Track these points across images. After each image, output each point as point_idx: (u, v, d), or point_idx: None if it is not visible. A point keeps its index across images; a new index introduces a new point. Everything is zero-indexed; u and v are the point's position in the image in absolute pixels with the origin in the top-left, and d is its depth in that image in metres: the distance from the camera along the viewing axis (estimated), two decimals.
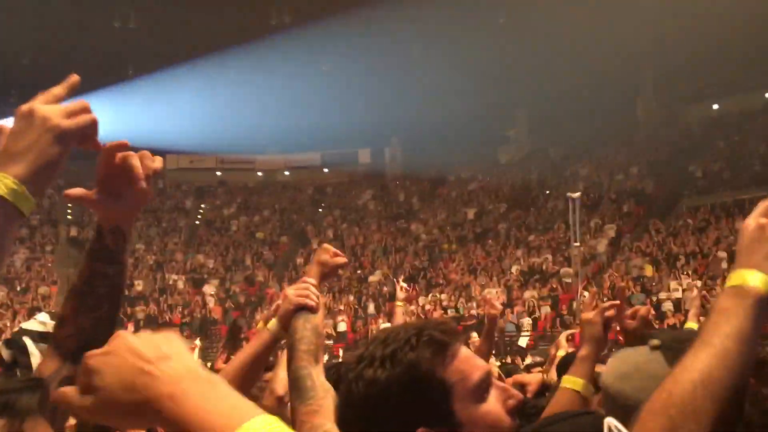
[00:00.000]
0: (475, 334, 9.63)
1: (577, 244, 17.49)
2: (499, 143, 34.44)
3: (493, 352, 8.68)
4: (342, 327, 24.07)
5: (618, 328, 2.16)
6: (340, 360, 5.38)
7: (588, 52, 25.87)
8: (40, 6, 25.21)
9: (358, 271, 27.88)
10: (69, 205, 30.99)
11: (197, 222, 32.20)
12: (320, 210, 33.41)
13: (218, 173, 34.96)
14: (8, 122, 0.96)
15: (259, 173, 35.41)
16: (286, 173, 35.62)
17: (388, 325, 20.62)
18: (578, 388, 1.95)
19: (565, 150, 31.54)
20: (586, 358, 2.02)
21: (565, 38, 25.54)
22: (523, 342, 18.86)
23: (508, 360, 12.88)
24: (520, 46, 26.50)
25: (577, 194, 16.90)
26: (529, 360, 9.49)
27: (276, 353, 4.10)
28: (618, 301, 2.14)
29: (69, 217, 30.35)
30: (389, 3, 23.99)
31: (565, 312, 19.85)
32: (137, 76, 28.91)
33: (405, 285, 4.88)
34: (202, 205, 33.15)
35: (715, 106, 30.62)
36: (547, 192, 28.78)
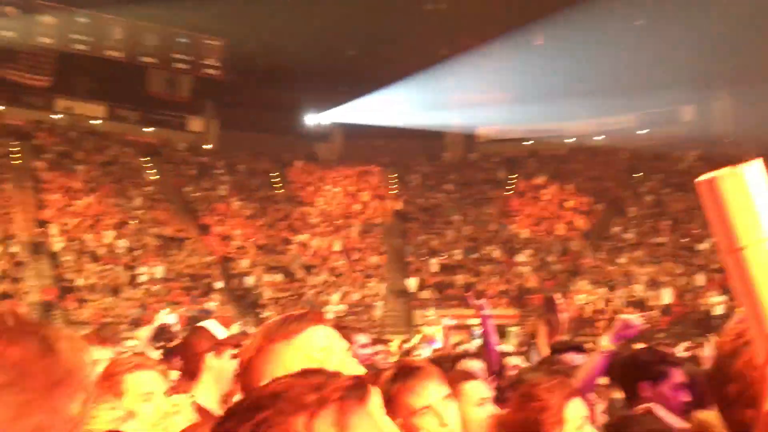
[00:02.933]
0: None
1: None
2: None
3: None
4: (666, 298, 22.50)
5: None
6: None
7: None
8: (363, 1, 27.51)
9: (684, 239, 25.74)
10: (394, 182, 33.68)
11: (509, 192, 32.62)
12: (637, 175, 31.47)
13: (528, 143, 34.89)
14: None
15: (570, 140, 34.50)
16: (599, 138, 34.16)
17: (720, 298, 18.64)
18: None
19: None
20: None
21: None
22: None
23: None
24: None
25: None
26: None
27: None
28: None
29: (394, 191, 33.01)
30: None
31: None
32: (449, 56, 30.07)
33: None
34: (513, 176, 33.46)
35: None
36: None
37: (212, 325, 2.81)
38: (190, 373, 2.72)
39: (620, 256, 26.05)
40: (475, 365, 3.30)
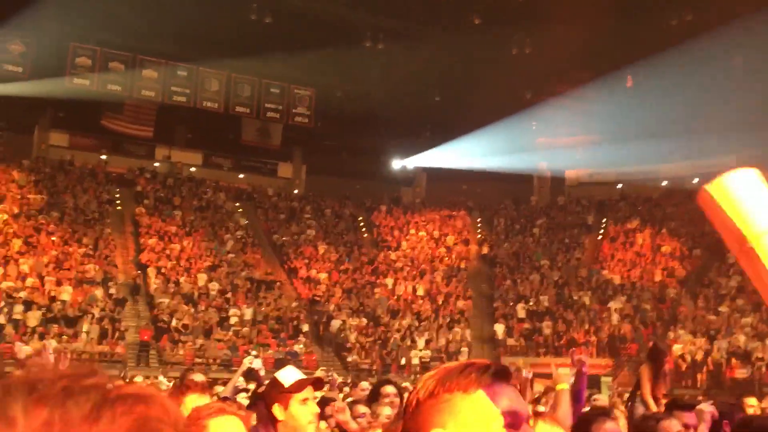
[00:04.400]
0: None
1: None
2: None
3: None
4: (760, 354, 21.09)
5: None
6: None
7: None
8: (447, 48, 27.79)
9: None
10: (479, 226, 33.41)
11: (600, 237, 31.69)
12: None
13: (619, 186, 33.94)
14: None
15: (664, 183, 33.32)
16: (696, 181, 32.82)
17: None
18: None
19: None
20: None
21: None
22: None
23: None
24: None
25: None
26: None
27: None
28: None
29: (479, 236, 32.70)
30: None
31: None
32: (536, 100, 29.86)
33: None
34: (604, 220, 32.53)
35: None
36: None
37: (286, 374, 2.83)
38: (272, 421, 2.75)
39: (721, 304, 24.69)
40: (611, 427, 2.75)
